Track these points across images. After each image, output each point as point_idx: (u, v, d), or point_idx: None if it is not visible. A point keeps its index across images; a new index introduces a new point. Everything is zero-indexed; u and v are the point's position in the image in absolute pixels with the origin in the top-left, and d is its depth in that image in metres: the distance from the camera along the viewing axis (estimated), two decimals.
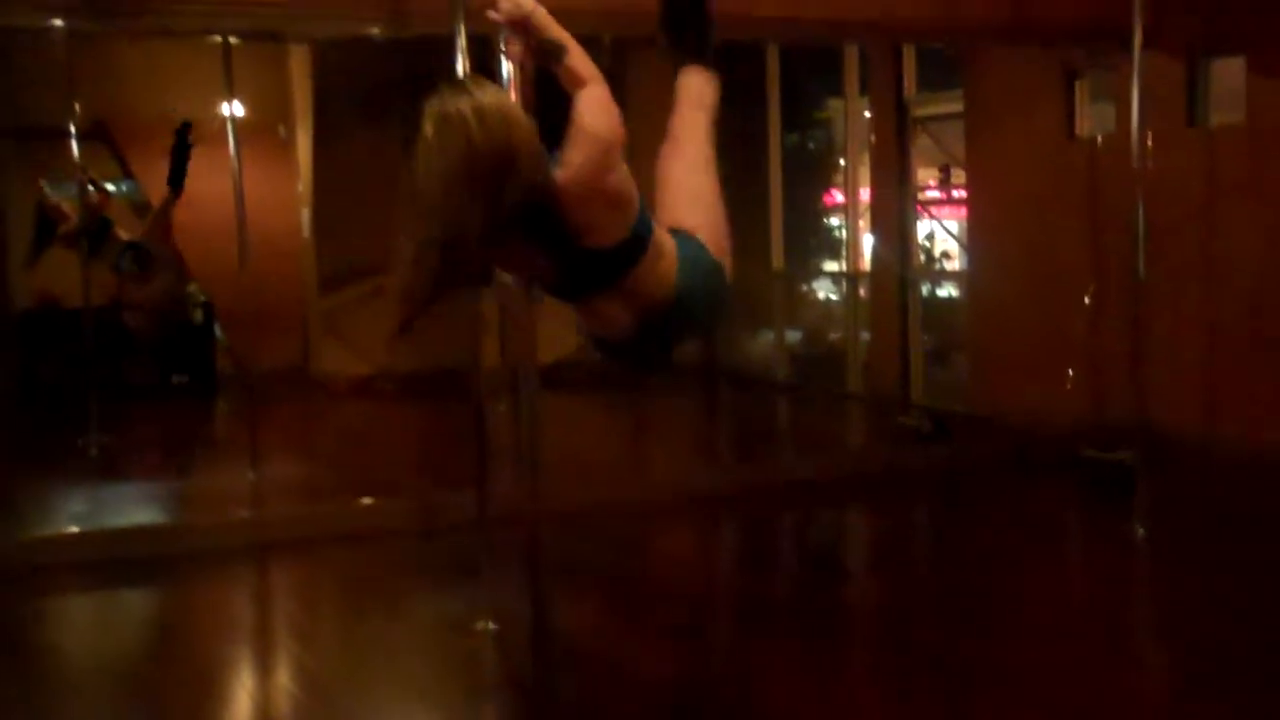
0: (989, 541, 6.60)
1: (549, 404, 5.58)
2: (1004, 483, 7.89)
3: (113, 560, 6.32)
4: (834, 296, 13.21)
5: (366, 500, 7.12)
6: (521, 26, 2.79)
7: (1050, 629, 5.09)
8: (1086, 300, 8.68)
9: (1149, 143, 6.37)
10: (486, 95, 2.66)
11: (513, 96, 3.15)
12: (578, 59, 2.82)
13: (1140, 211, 6.26)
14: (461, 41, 5.21)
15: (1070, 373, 8.79)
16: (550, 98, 2.92)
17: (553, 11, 2.81)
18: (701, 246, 3.12)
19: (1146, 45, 6.30)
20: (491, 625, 5.13)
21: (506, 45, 2.88)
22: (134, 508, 7.63)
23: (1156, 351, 6.89)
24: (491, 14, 2.79)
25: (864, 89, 11.31)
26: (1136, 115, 6.27)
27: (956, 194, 11.46)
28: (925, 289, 11.21)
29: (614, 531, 6.89)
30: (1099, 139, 8.75)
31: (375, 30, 6.59)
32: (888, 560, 6.63)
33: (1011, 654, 4.76)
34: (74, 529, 6.85)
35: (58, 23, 6.63)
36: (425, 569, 6.27)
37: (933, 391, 10.59)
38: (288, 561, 6.55)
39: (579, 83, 2.83)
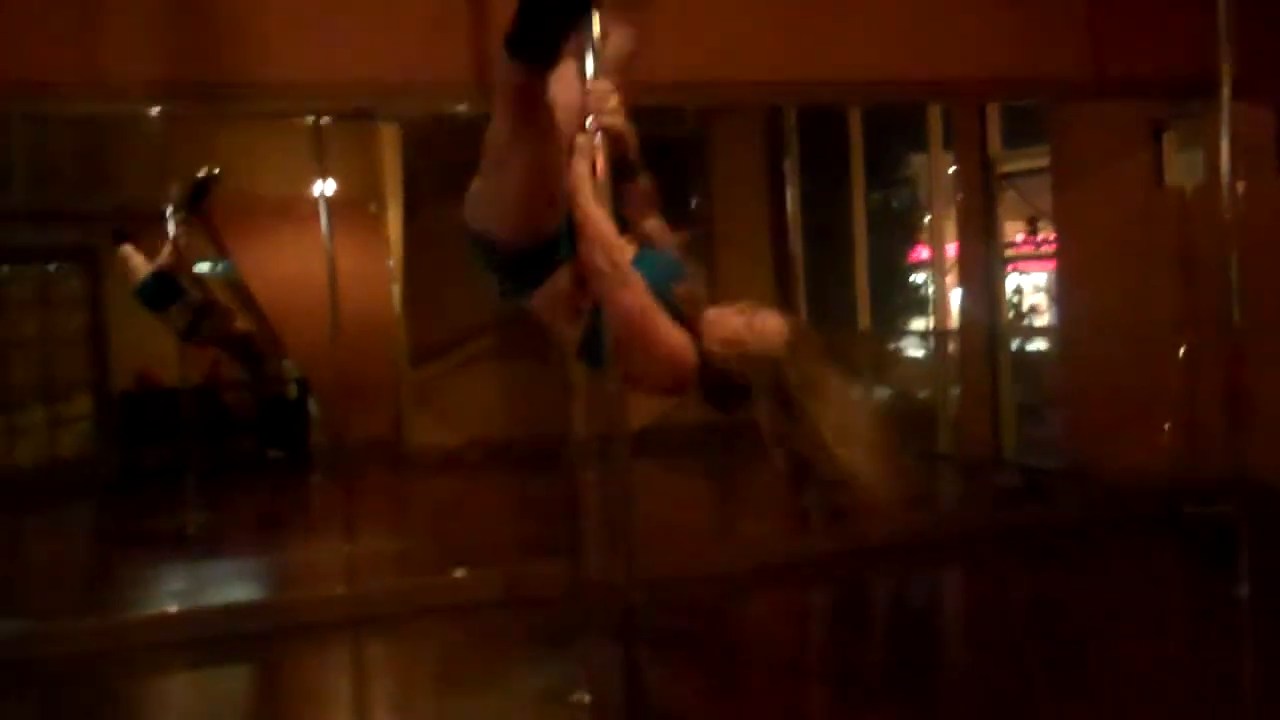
0: (1087, 603, 6.49)
1: (640, 470, 5.56)
2: (1101, 541, 7.76)
3: (212, 638, 6.39)
4: (921, 354, 13.11)
5: (460, 572, 7.14)
6: (610, 138, 3.16)
7: (1152, 694, 4.99)
8: (1181, 352, 8.55)
9: (1240, 192, 6.29)
10: None
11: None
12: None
13: (1233, 261, 6.18)
14: None
15: (1166, 426, 8.64)
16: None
17: (644, 85, 2.93)
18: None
19: (1235, 95, 6.23)
20: (586, 697, 5.12)
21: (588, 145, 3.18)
22: (231, 585, 7.72)
23: (1255, 402, 6.76)
24: (595, 119, 3.12)
25: (948, 144, 11.28)
26: (1227, 165, 6.20)
27: (1043, 245, 11.36)
28: (1015, 343, 11.09)
29: (707, 599, 6.86)
30: (1188, 189, 8.65)
31: (462, 107, 6.68)
32: (984, 624, 6.54)
33: None
34: (173, 608, 6.94)
35: (153, 110, 6.80)
36: (520, 640, 6.28)
37: (1025, 448, 10.45)
38: (383, 635, 6.59)
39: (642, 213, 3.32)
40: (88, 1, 5.71)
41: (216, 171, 9.34)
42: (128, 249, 9.59)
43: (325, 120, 8.18)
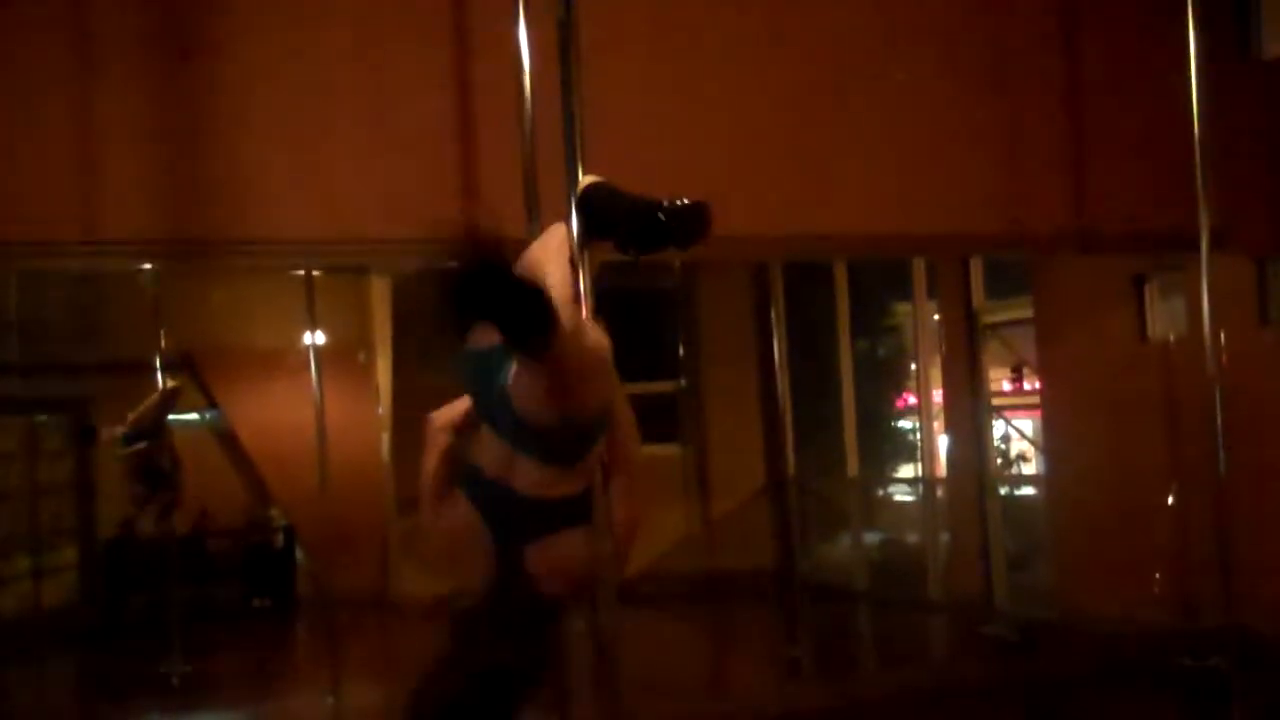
0: None
1: (627, 619, 5.53)
2: (1095, 695, 7.68)
3: None
4: (910, 499, 13.10)
5: None
6: None
7: None
8: (1170, 501, 8.57)
9: (1222, 342, 6.36)
10: None
11: None
12: None
13: (1218, 411, 6.22)
14: None
15: (1157, 576, 8.62)
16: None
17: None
18: None
19: (1214, 248, 6.33)
20: None
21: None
22: None
23: (1244, 553, 6.75)
24: None
25: (932, 294, 11.41)
26: (1208, 317, 6.28)
27: (1029, 392, 11.42)
28: (1004, 490, 11.10)
29: None
30: (1171, 339, 8.74)
31: (455, 263, 6.76)
32: None
33: None
34: None
35: (147, 265, 6.87)
36: None
37: (1016, 597, 10.40)
38: None
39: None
40: (85, 160, 5.80)
41: (177, 386, 9.43)
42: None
43: (316, 272, 8.26)
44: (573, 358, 3.08)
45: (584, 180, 3.72)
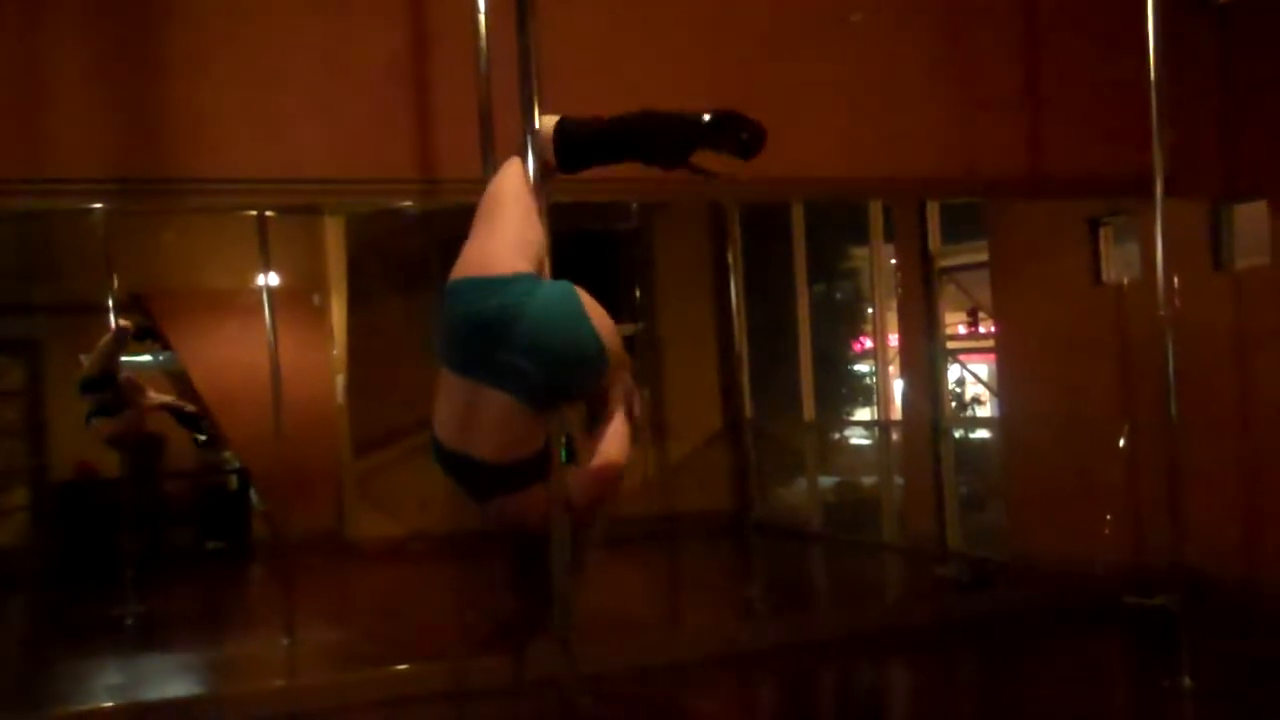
0: (1033, 695, 6.49)
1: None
2: (1045, 632, 7.79)
3: None
4: (866, 442, 13.19)
5: (402, 666, 7.07)
6: None
7: None
8: (1121, 444, 8.65)
9: (1175, 286, 6.40)
10: None
11: None
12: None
13: (1170, 354, 6.28)
14: None
15: (1108, 517, 8.72)
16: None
17: (587, 182, 3.00)
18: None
19: (1168, 193, 6.36)
20: None
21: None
22: (169, 679, 7.60)
23: (1193, 494, 6.84)
24: None
25: (889, 238, 11.43)
26: (1161, 261, 6.31)
27: (984, 336, 11.49)
28: (958, 433, 11.19)
29: (651, 692, 6.82)
30: (1125, 283, 8.80)
31: (407, 202, 6.72)
32: (930, 717, 6.53)
33: None
34: (109, 703, 6.81)
35: (97, 205, 6.79)
36: None
37: (969, 538, 10.51)
38: None
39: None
40: (32, 97, 5.72)
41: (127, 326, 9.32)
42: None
43: (269, 213, 8.19)
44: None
45: (546, 120, 3.69)
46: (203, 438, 9.60)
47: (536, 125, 3.69)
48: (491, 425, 3.24)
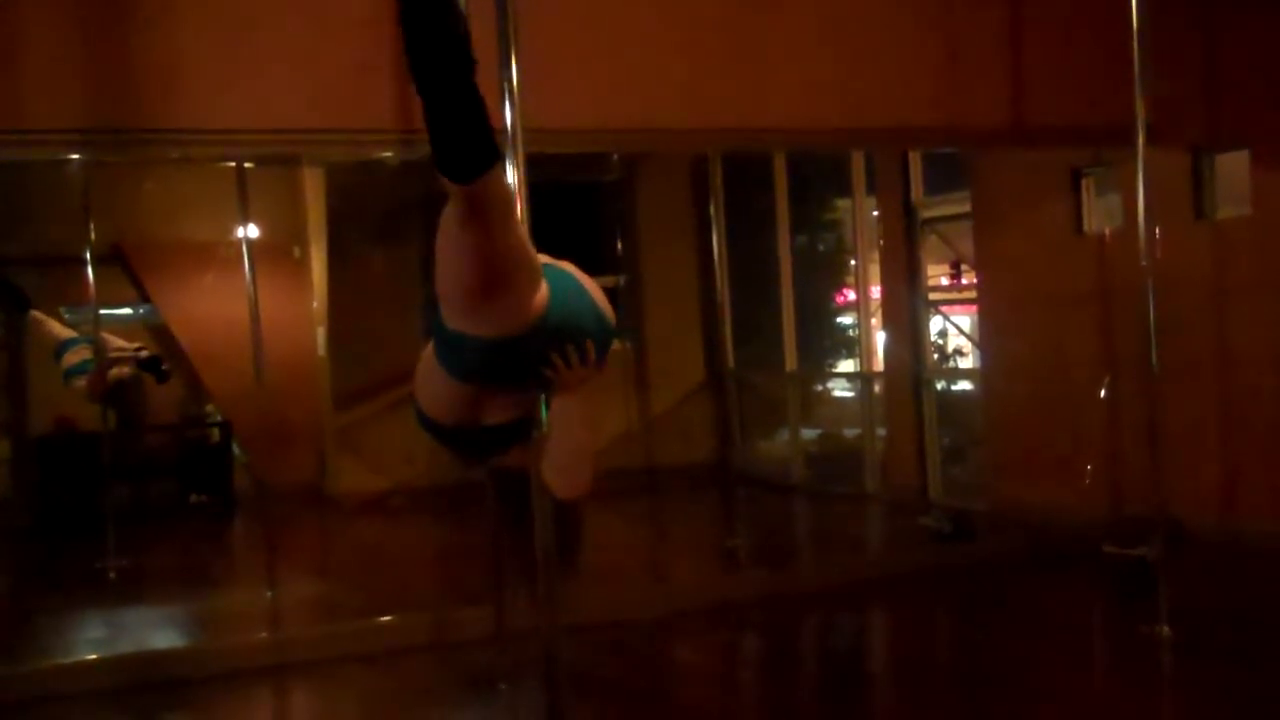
0: (1012, 643, 6.54)
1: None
2: (1025, 582, 7.83)
3: (131, 685, 6.28)
4: (849, 394, 13.20)
5: (385, 618, 7.08)
6: None
7: None
8: (1102, 394, 8.68)
9: (1157, 236, 6.39)
10: None
11: None
12: None
13: (1151, 304, 6.28)
14: None
15: (1089, 468, 8.76)
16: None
17: (570, 131, 2.93)
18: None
19: (1150, 143, 6.35)
20: None
21: None
22: (152, 631, 7.61)
23: (1173, 444, 6.87)
24: None
25: (871, 189, 11.41)
26: (1143, 211, 6.31)
27: (966, 288, 11.49)
28: (940, 385, 11.21)
29: (633, 643, 6.85)
30: (1107, 233, 8.80)
31: (387, 154, 6.68)
32: (911, 665, 6.57)
33: None
34: (91, 655, 6.81)
35: (75, 156, 6.74)
36: (444, 686, 6.23)
37: (951, 489, 10.55)
38: (306, 682, 6.52)
39: None
40: (8, 47, 5.66)
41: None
42: (36, 315, 9.49)
43: (248, 164, 8.14)
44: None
45: None
46: (165, 368, 9.52)
47: (514, 75, 3.65)
48: (501, 406, 3.18)
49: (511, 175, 4.23)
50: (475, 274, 2.82)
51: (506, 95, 3.60)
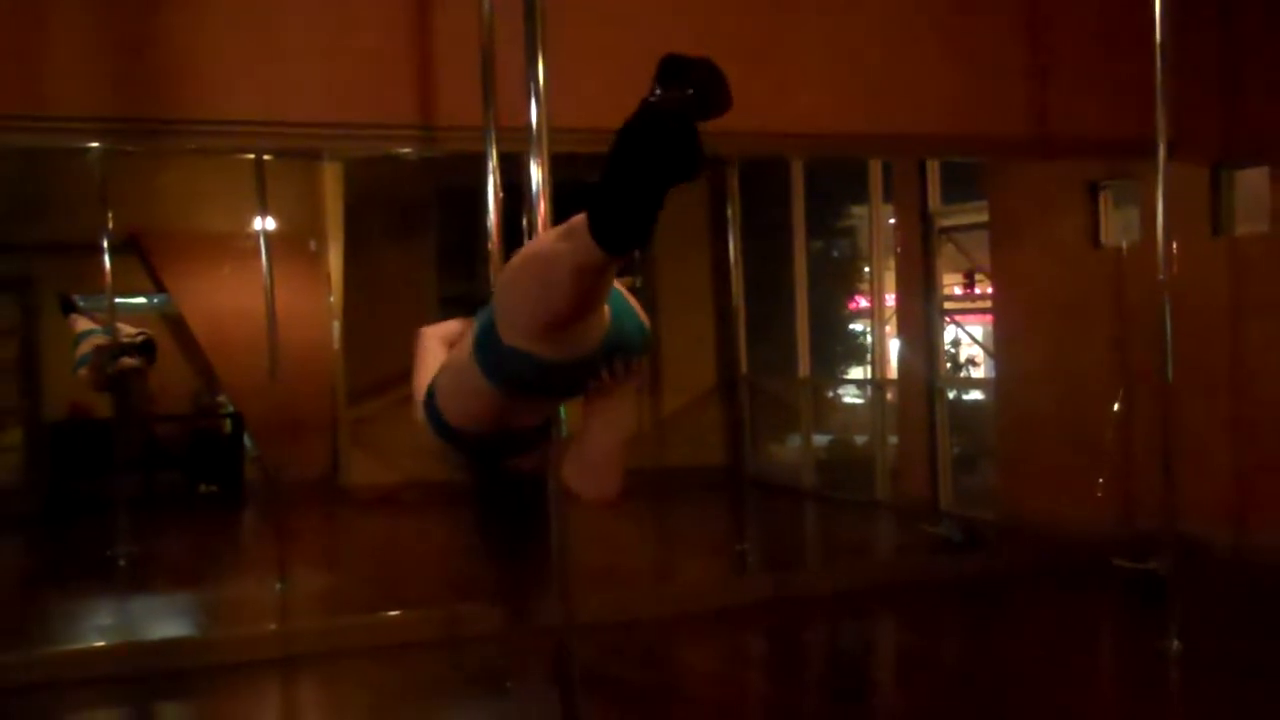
0: (1021, 655, 6.53)
1: (578, 513, 5.57)
2: (1035, 593, 7.82)
3: (139, 674, 6.30)
4: (861, 401, 13.19)
5: (394, 612, 7.09)
6: None
7: None
8: (1116, 407, 8.66)
9: (1174, 251, 6.38)
10: None
11: None
12: None
13: (1167, 319, 6.27)
14: (492, 162, 5.31)
15: (1100, 480, 8.74)
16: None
17: (595, 131, 2.93)
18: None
19: (1171, 157, 6.34)
20: None
21: None
22: (161, 620, 7.62)
23: (1186, 458, 6.85)
24: None
25: (888, 197, 11.40)
26: (1161, 225, 6.29)
27: (980, 292, 11.48)
28: (952, 394, 11.20)
29: (643, 643, 6.85)
30: (1124, 247, 8.79)
31: (406, 149, 6.69)
32: (918, 673, 6.56)
33: None
34: (100, 643, 6.83)
35: (94, 144, 6.74)
36: (453, 682, 6.24)
37: (961, 498, 10.54)
38: (315, 675, 6.53)
39: None
40: (31, 36, 5.67)
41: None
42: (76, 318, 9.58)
43: (267, 156, 8.15)
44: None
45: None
46: (142, 341, 9.55)
47: (541, 74, 3.65)
48: (531, 413, 3.21)
49: (535, 174, 4.25)
50: (569, 311, 2.83)
51: (532, 94, 3.61)
